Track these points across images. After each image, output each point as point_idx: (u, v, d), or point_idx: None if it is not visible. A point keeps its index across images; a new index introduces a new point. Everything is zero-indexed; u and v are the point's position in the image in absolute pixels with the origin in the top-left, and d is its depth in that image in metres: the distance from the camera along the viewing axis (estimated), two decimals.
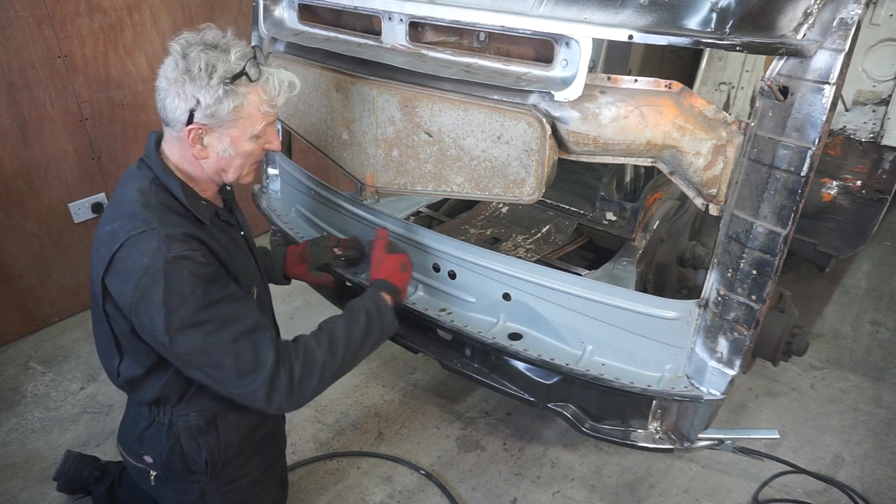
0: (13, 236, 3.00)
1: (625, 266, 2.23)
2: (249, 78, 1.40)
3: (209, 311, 1.37)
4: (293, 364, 1.48)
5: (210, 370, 1.41)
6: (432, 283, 2.13)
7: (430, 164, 1.87)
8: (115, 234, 1.40)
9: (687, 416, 1.79)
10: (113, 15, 3.06)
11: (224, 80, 1.36)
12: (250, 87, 1.41)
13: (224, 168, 1.50)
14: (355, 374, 2.91)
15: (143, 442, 1.63)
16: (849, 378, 2.90)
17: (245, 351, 1.41)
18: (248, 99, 1.41)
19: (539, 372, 1.92)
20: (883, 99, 2.80)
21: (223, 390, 1.45)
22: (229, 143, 1.44)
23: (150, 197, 1.43)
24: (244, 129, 1.44)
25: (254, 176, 1.59)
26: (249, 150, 1.49)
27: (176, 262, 1.35)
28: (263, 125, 1.47)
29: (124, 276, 1.38)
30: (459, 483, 2.39)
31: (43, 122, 2.96)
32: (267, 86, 1.43)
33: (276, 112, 1.50)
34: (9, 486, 2.37)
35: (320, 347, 1.54)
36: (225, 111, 1.38)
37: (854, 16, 1.31)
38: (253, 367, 1.42)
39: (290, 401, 1.48)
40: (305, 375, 1.49)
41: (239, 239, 1.66)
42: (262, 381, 1.42)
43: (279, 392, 1.45)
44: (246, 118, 1.43)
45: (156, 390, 1.55)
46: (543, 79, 1.61)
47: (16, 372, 2.95)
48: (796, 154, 1.40)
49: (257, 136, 1.48)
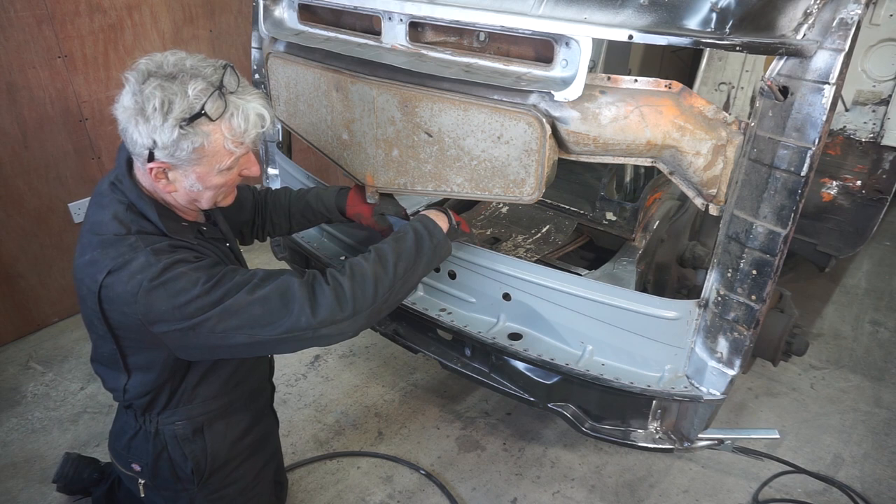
0: (13, 236, 3.00)
1: (625, 266, 2.23)
2: (209, 117, 1.27)
3: (220, 289, 1.33)
4: (338, 278, 1.43)
5: (248, 330, 1.35)
6: (432, 283, 2.13)
7: (430, 164, 1.87)
8: (96, 263, 1.34)
9: (687, 416, 1.79)
10: (113, 15, 3.06)
11: (181, 122, 1.24)
12: (212, 126, 1.29)
13: (195, 199, 1.42)
14: (355, 374, 2.91)
15: (131, 450, 1.62)
16: (849, 378, 2.90)
17: (268, 293, 1.35)
18: (211, 139, 1.30)
19: (539, 372, 1.92)
20: (883, 99, 2.80)
21: (274, 344, 1.38)
22: (196, 180, 1.35)
23: (129, 225, 1.36)
24: (210, 165, 1.34)
25: (232, 197, 1.50)
26: (221, 182, 1.39)
27: (169, 269, 1.31)
28: (233, 159, 1.36)
29: (119, 300, 1.32)
30: (459, 483, 2.39)
31: (43, 122, 2.96)
32: (231, 123, 1.30)
33: (248, 147, 1.38)
34: (9, 486, 2.37)
35: (368, 261, 1.49)
36: (185, 152, 1.28)
37: (854, 16, 1.31)
38: (284, 302, 1.36)
39: (345, 310, 1.40)
40: (358, 286, 1.43)
41: (225, 251, 1.62)
42: (300, 305, 1.36)
43: (325, 306, 1.38)
44: (211, 156, 1.32)
45: (147, 395, 1.52)
46: (543, 79, 1.61)
47: (16, 372, 2.95)
48: (796, 154, 1.40)
49: (228, 168, 1.37)
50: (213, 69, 1.31)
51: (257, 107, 1.34)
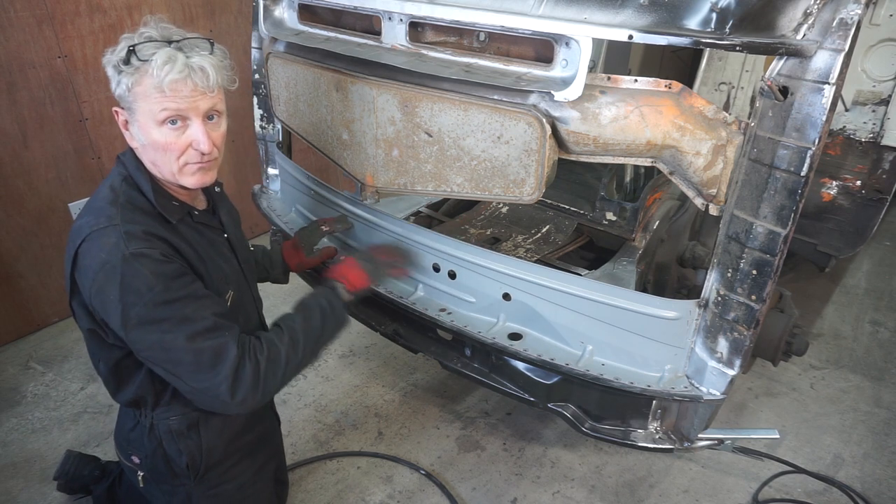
0: (13, 236, 3.00)
1: (625, 266, 2.23)
2: (139, 58, 1.35)
3: (167, 309, 1.36)
4: (258, 357, 1.47)
5: (170, 367, 1.40)
6: (432, 283, 2.13)
7: (430, 164, 1.87)
8: (80, 228, 1.42)
9: (687, 416, 1.79)
10: (113, 15, 3.06)
11: (120, 61, 1.36)
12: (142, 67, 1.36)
13: (153, 161, 1.46)
14: (355, 374, 2.91)
15: (130, 442, 1.64)
16: (849, 378, 2.90)
17: (205, 348, 1.39)
18: (139, 79, 1.36)
19: (539, 372, 1.92)
20: (883, 99, 2.81)
21: (184, 386, 1.43)
22: (138, 130, 1.42)
23: (118, 194, 1.43)
24: (145, 114, 1.39)
25: (198, 179, 1.48)
26: (161, 141, 1.41)
27: (133, 259, 1.34)
28: (164, 112, 1.39)
29: (84, 270, 1.39)
30: (459, 483, 2.39)
31: (43, 122, 2.96)
32: (156, 69, 1.35)
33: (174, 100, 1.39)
34: (9, 486, 2.37)
35: (283, 343, 1.54)
36: (122, 90, 1.38)
37: (854, 16, 1.31)
38: (214, 363, 1.40)
39: (255, 394, 1.46)
40: (270, 370, 1.49)
41: (218, 241, 1.63)
42: (224, 374, 1.41)
43: (244, 385, 1.43)
44: (142, 99, 1.38)
45: (130, 392, 1.55)
46: (543, 79, 1.61)
47: (16, 372, 2.95)
48: (796, 154, 1.40)
49: (161, 122, 1.39)
50: (183, 34, 1.42)
51: (188, 58, 1.39)
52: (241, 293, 1.67)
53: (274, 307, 2.98)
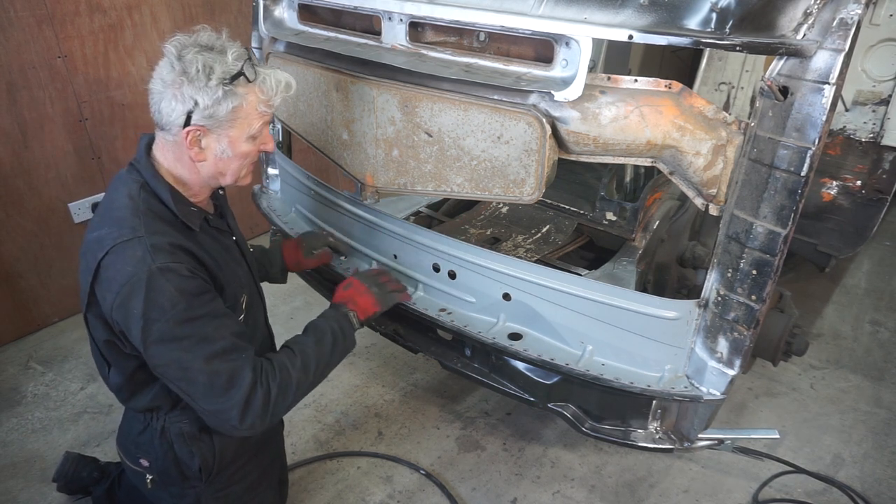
0: (13, 236, 3.00)
1: (625, 266, 2.23)
2: (247, 78, 1.41)
3: (188, 327, 1.36)
4: (270, 384, 1.48)
5: (184, 385, 1.40)
6: (432, 283, 2.13)
7: (430, 164, 1.87)
8: (101, 240, 1.39)
9: (687, 416, 1.79)
10: (113, 15, 3.06)
11: (223, 81, 1.37)
12: (248, 88, 1.42)
13: (221, 171, 1.50)
14: (355, 374, 2.91)
15: (139, 446, 1.63)
16: (849, 378, 2.90)
17: (221, 370, 1.40)
18: (247, 99, 1.42)
19: (539, 372, 1.92)
20: (883, 99, 2.81)
21: (195, 405, 1.44)
22: (227, 145, 1.45)
23: (138, 203, 1.42)
24: (242, 129, 1.45)
25: (252, 177, 1.59)
26: (247, 151, 1.49)
27: (160, 274, 1.34)
28: (261, 125, 1.48)
29: (107, 283, 1.37)
30: (459, 483, 2.39)
31: (43, 122, 2.96)
32: (264, 86, 1.44)
33: (273, 112, 1.52)
34: (9, 486, 2.37)
35: (294, 367, 1.55)
36: (224, 112, 1.39)
37: (854, 16, 1.31)
38: (228, 387, 1.41)
39: (264, 420, 1.47)
40: (281, 395, 1.50)
41: (230, 245, 1.65)
42: (237, 400, 1.41)
43: (254, 411, 1.44)
44: (244, 118, 1.43)
45: (145, 400, 1.55)
46: (543, 79, 1.61)
47: (16, 372, 2.95)
48: (796, 154, 1.40)
49: (254, 136, 1.48)
50: (240, 45, 1.45)
51: (285, 75, 1.49)
52: (252, 296, 1.70)
53: (274, 307, 2.98)
